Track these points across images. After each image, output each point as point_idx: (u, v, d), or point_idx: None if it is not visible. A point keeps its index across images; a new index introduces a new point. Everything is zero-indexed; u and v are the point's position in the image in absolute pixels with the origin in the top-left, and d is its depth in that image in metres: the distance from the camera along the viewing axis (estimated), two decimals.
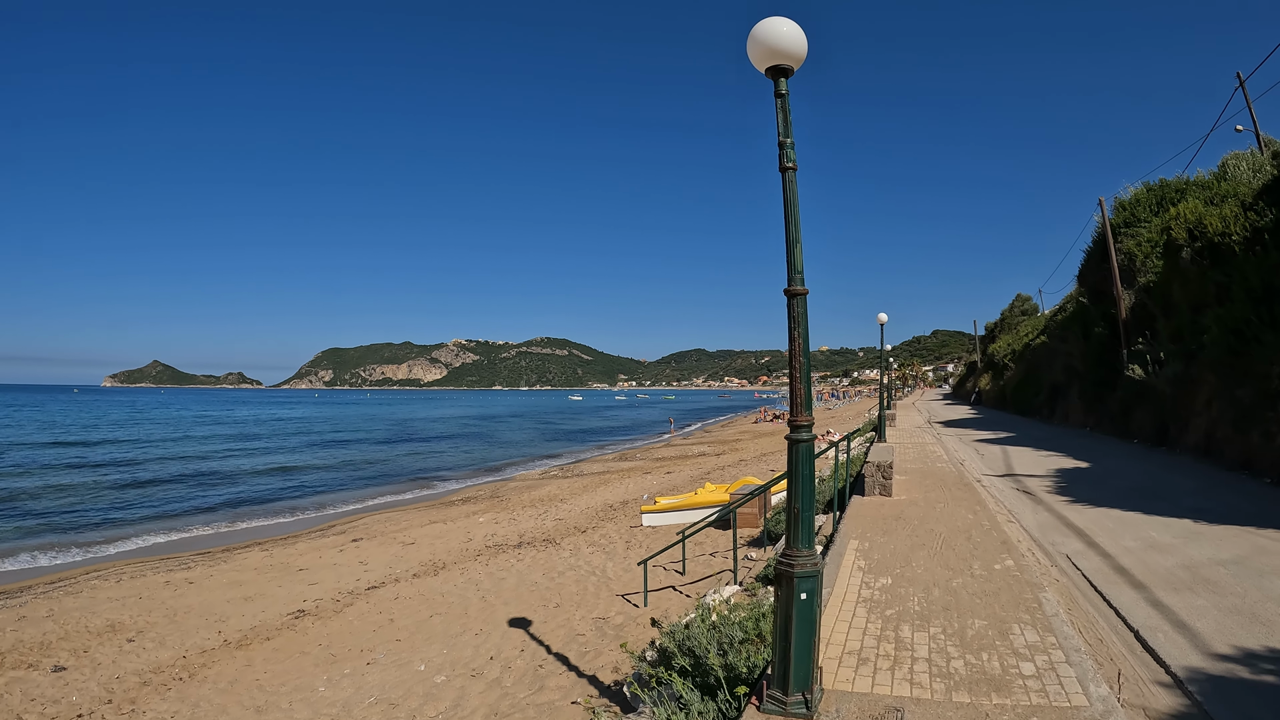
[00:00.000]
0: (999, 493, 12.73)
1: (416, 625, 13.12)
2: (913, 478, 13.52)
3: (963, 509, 10.32)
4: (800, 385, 4.18)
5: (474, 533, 22.07)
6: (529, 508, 26.33)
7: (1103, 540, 9.09)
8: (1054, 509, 11.17)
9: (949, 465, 15.53)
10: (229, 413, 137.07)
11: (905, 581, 6.86)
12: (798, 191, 4.15)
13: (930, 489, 12.12)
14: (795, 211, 4.12)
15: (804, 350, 4.14)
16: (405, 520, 25.92)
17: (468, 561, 17.97)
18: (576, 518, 22.94)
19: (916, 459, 16.94)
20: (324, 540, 23.00)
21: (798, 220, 4.12)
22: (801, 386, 4.19)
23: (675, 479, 30.69)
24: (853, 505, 10.78)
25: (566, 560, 16.88)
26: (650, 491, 26.86)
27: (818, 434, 30.80)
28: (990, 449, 20.58)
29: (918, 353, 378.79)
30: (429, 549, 20.13)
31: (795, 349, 4.14)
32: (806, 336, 4.18)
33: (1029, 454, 18.80)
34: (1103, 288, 27.45)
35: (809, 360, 4.20)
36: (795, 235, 4.11)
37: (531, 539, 20.06)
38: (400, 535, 22.72)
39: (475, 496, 31.92)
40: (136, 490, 35.09)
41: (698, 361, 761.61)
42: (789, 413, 4.28)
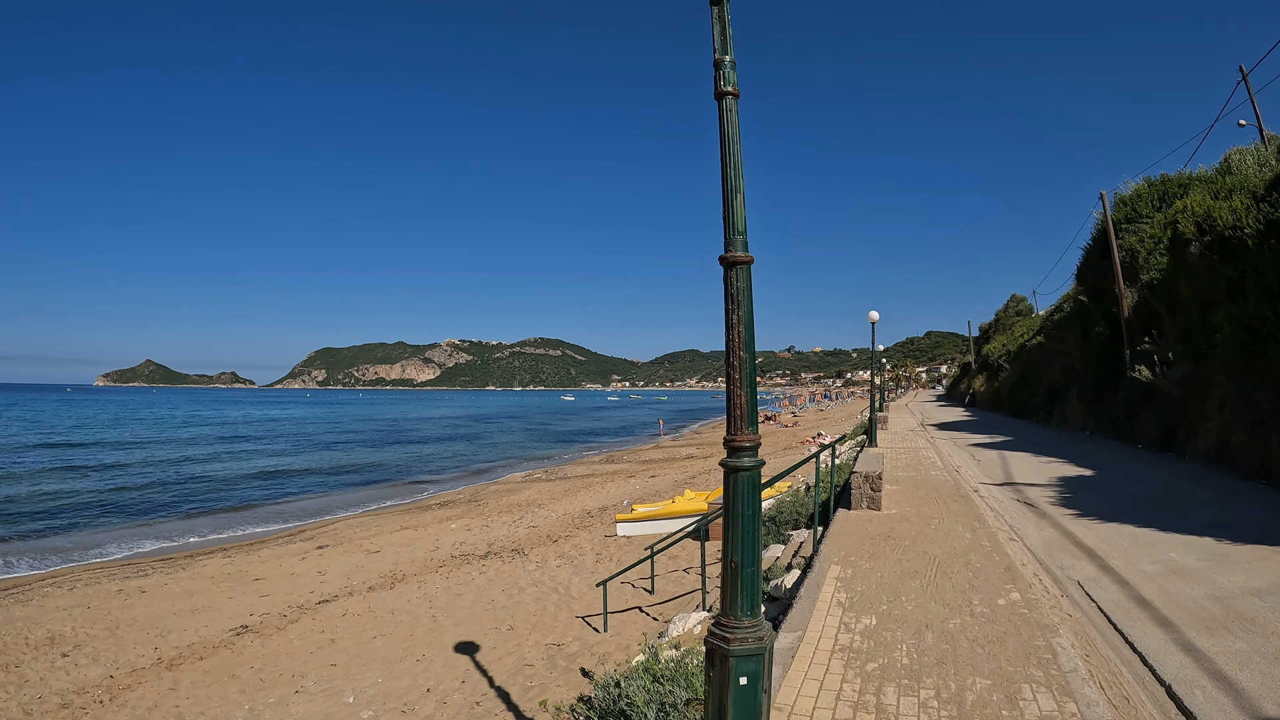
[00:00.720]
0: (999, 505, 11.65)
1: (358, 647, 12.00)
2: (905, 487, 12.42)
3: (960, 525, 9.21)
4: (741, 390, 3.06)
5: (443, 541, 20.99)
6: (504, 514, 25.25)
7: (1117, 563, 8.02)
8: (1060, 524, 10.09)
9: (943, 473, 14.43)
10: (218, 413, 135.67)
11: (892, 622, 5.73)
12: (739, 126, 3.04)
13: (924, 501, 11.02)
14: (736, 150, 3.00)
15: (746, 342, 3.02)
16: (377, 526, 24.87)
17: (429, 574, 16.89)
18: (551, 525, 21.85)
19: (909, 465, 15.85)
20: (290, 547, 22.07)
21: (739, 162, 3.00)
22: (743, 392, 3.06)
23: (659, 483, 29.59)
24: (838, 520, 9.68)
25: (531, 574, 15.79)
26: (631, 497, 25.77)
27: (808, 436, 29.48)
28: (987, 454, 19.52)
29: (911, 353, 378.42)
30: (393, 558, 19.07)
31: (735, 339, 3.02)
32: (750, 323, 3.04)
33: (1028, 460, 17.72)
34: (1103, 286, 26.43)
35: (753, 356, 3.08)
36: (736, 182, 2.99)
37: (500, 549, 18.97)
38: (367, 543, 21.68)
39: (454, 500, 30.92)
40: (112, 493, 34.25)
41: (691, 362, 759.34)
42: (728, 427, 3.17)
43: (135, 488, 36.19)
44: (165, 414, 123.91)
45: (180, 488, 36.39)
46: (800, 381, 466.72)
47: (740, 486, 3.05)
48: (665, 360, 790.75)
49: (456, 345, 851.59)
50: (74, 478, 39.28)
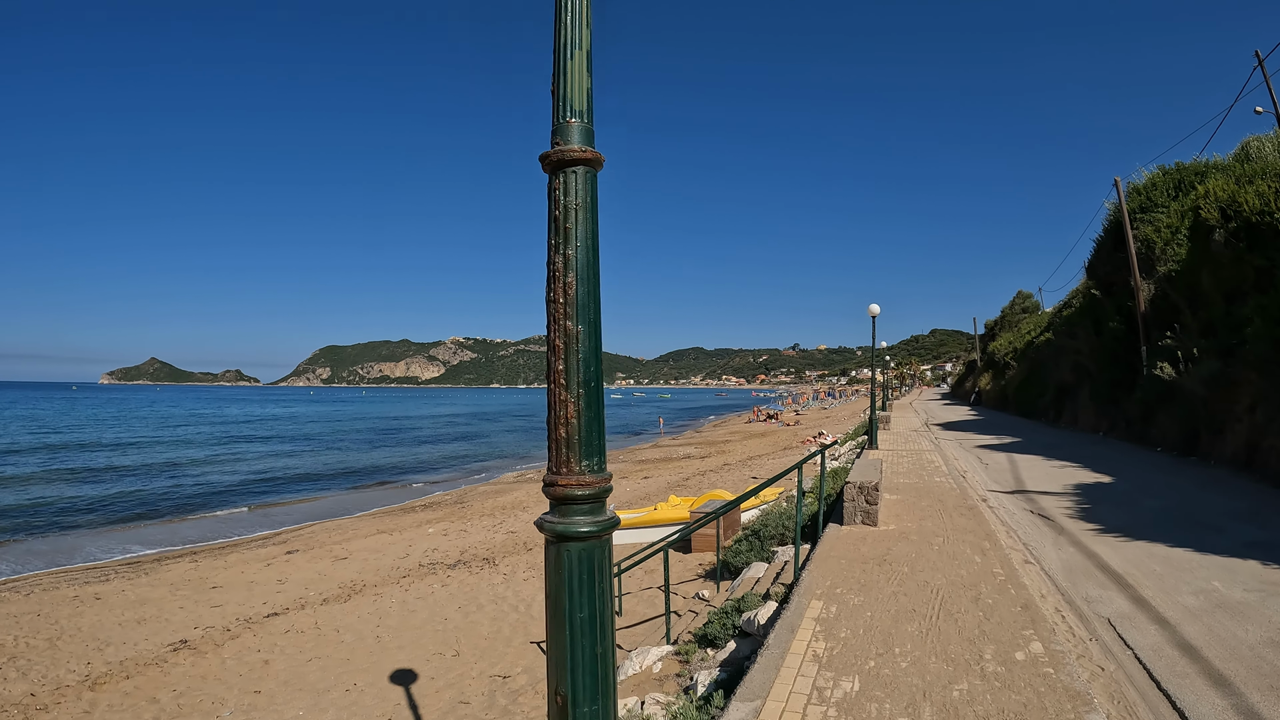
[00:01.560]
0: (1010, 518, 10.40)
1: (290, 672, 10.87)
2: (906, 497, 11.16)
3: (967, 546, 7.95)
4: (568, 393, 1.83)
5: (416, 547, 19.92)
6: (486, 517, 24.13)
7: (1152, 593, 6.79)
8: (1081, 542, 8.85)
9: (948, 480, 13.17)
10: (220, 411, 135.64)
11: (880, 687, 4.47)
12: None
13: (926, 514, 9.76)
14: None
15: (579, 304, 1.78)
16: (354, 530, 23.83)
17: (389, 585, 15.79)
18: (530, 531, 20.63)
19: (911, 470, 14.60)
20: (259, 551, 21.19)
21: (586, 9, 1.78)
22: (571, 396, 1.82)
23: (651, 485, 28.40)
24: (827, 539, 8.42)
25: (495, 588, 14.64)
26: (618, 501, 24.62)
27: (809, 436, 28.20)
28: (994, 457, 18.24)
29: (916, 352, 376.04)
30: (358, 566, 18.00)
31: (559, 299, 1.78)
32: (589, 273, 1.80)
33: (1039, 464, 16.44)
34: (1115, 279, 25.14)
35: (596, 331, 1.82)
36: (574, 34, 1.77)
37: (472, 557, 17.85)
38: (338, 548, 20.64)
39: (439, 502, 29.88)
40: (99, 494, 33.87)
41: (695, 360, 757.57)
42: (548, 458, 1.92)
43: (122, 489, 35.65)
44: (166, 412, 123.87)
45: (167, 489, 35.89)
46: (805, 379, 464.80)
47: (570, 568, 1.81)
48: (670, 358, 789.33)
49: (461, 343, 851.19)
50: (63, 478, 38.81)
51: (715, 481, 26.05)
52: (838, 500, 9.99)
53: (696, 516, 14.27)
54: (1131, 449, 19.18)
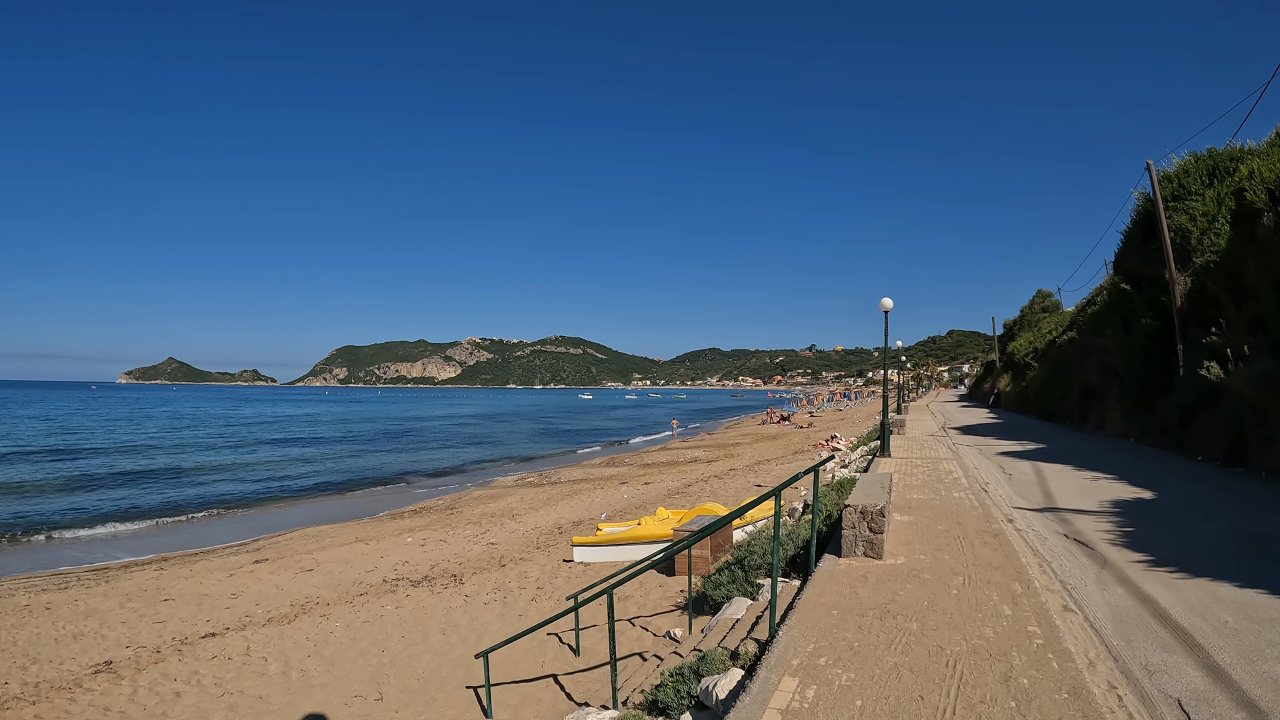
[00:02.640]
0: (1042, 544, 8.82)
1: (196, 710, 9.67)
2: (919, 518, 9.58)
3: (993, 589, 6.37)
4: None
5: (387, 559, 18.64)
6: (471, 526, 22.76)
7: (1231, 659, 5.24)
8: (1129, 579, 7.27)
9: (968, 495, 11.56)
10: (232, 410, 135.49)
11: None
12: None
13: (943, 541, 8.19)
14: None
15: None
16: (331, 538, 22.59)
17: (343, 604, 14.53)
18: (512, 543, 19.28)
19: (926, 483, 13.02)
20: (228, 560, 20.19)
21: None
22: None
23: (651, 491, 26.89)
24: (819, 577, 6.87)
25: (451, 614, 13.24)
26: (613, 508, 23.21)
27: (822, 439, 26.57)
28: (1018, 466, 16.60)
29: (933, 353, 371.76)
30: (319, 580, 16.80)
31: None
32: None
33: (1069, 475, 14.79)
34: (1145, 273, 23.46)
35: None
36: None
37: (441, 573, 16.48)
38: (308, 558, 19.48)
39: (429, 508, 28.56)
40: (89, 494, 33.67)
41: (712, 361, 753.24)
42: None
43: (114, 491, 35.03)
44: (177, 412, 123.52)
45: (159, 491, 35.21)
46: (821, 380, 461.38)
47: None
48: (686, 359, 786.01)
49: (477, 343, 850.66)
50: (58, 480, 38.24)
51: (717, 489, 24.53)
52: (837, 524, 8.45)
53: (679, 536, 12.75)
54: (1168, 458, 17.50)
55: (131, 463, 46.39)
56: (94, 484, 36.93)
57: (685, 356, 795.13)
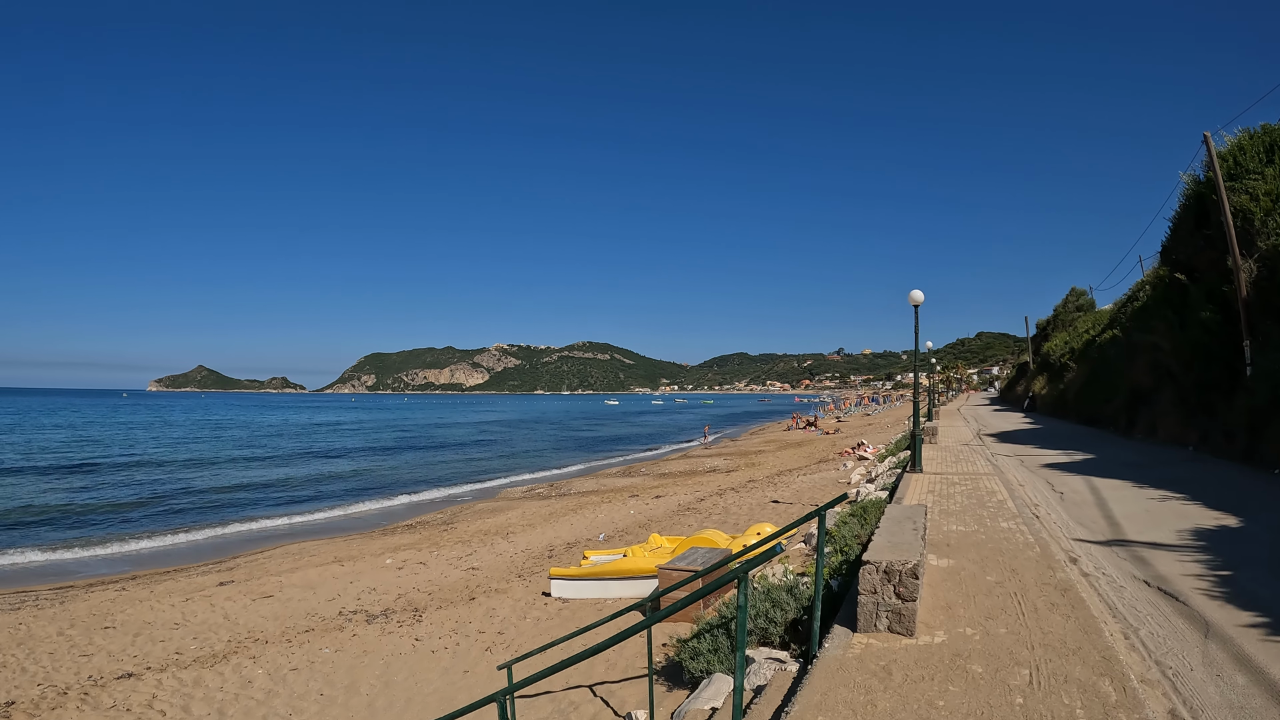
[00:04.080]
0: (1120, 599, 6.74)
1: None
2: (961, 561, 7.54)
3: (1073, 691, 4.33)
4: None
5: (355, 585, 17.02)
6: (460, 545, 21.01)
7: None
8: (1247, 655, 5.20)
9: (1018, 524, 9.48)
10: (255, 417, 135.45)
11: None
12: None
13: (994, 603, 6.14)
14: None
15: None
16: (309, 557, 21.07)
17: (280, 643, 12.96)
18: (496, 568, 17.50)
19: (965, 506, 10.99)
20: (195, 580, 18.88)
21: None
22: None
23: (660, 507, 24.93)
24: (822, 670, 4.86)
25: (393, 664, 11.48)
26: (613, 528, 21.37)
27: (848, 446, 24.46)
28: (1069, 482, 14.45)
29: (962, 355, 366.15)
30: (271, 610, 15.29)
31: None
32: None
33: (1130, 494, 12.63)
34: (1200, 262, 21.14)
35: None
36: None
37: (404, 605, 14.81)
38: (274, 581, 17.94)
39: (425, 522, 27.02)
40: (84, 505, 32.88)
41: (740, 365, 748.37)
42: None
43: (113, 501, 34.18)
44: (201, 420, 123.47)
45: (161, 501, 34.37)
46: (849, 384, 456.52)
47: None
48: (714, 364, 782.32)
49: (505, 350, 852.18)
50: (58, 489, 37.52)
51: (730, 505, 22.50)
52: (856, 569, 6.48)
53: (665, 576, 10.75)
54: (1237, 471, 15.25)
55: (140, 474, 45.30)
56: (95, 496, 35.79)
57: (713, 361, 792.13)
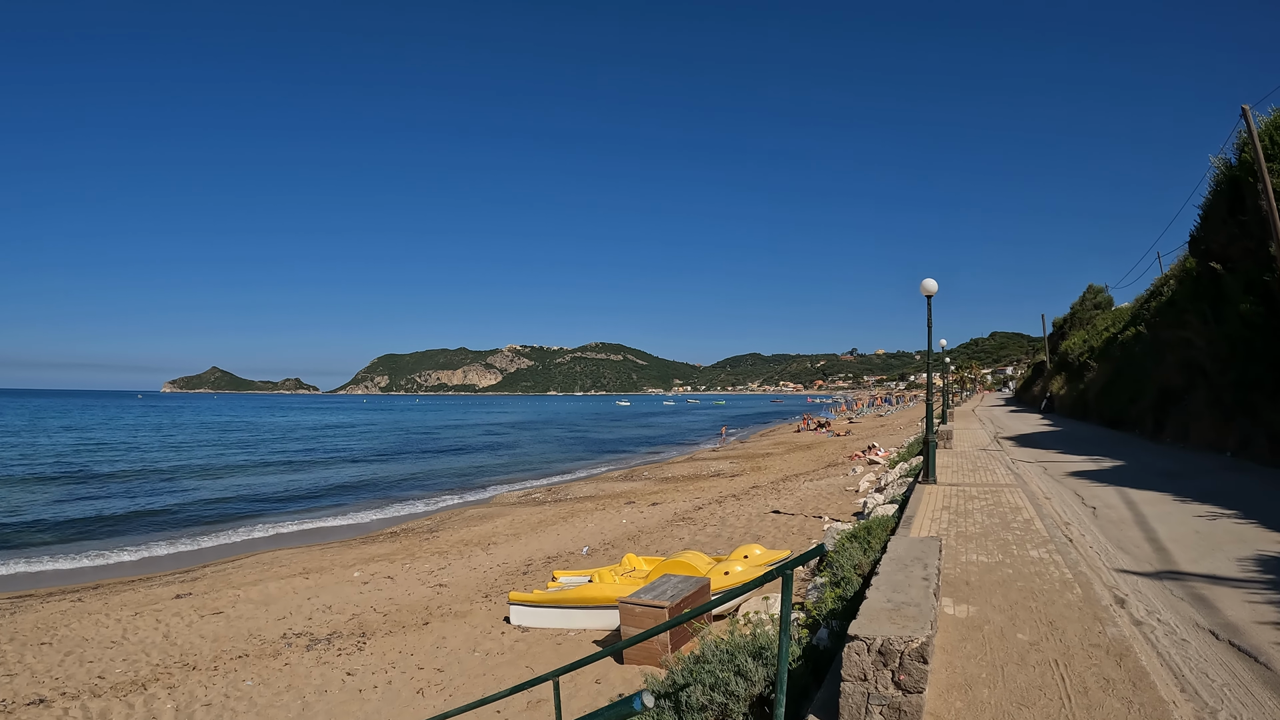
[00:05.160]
0: (1187, 662, 5.18)
1: None
2: (984, 609, 5.99)
3: None
4: None
5: (312, 601, 15.71)
6: (437, 556, 19.63)
7: None
8: None
9: (1051, 555, 7.89)
10: (264, 419, 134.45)
11: None
12: None
13: (1027, 680, 4.58)
14: None
15: None
16: (280, 567, 19.82)
17: (206, 670, 11.79)
18: (465, 585, 16.08)
19: (986, 528, 9.43)
20: (155, 591, 17.70)
21: None
22: None
23: (655, 515, 23.39)
24: None
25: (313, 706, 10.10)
26: (606, 538, 19.88)
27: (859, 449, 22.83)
28: (1101, 495, 12.84)
29: (975, 355, 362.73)
30: (214, 629, 14.08)
31: None
32: None
33: (1172, 509, 11.02)
34: (1234, 252, 19.47)
35: None
36: None
37: (354, 628, 13.45)
38: (231, 594, 16.68)
39: (411, 529, 25.63)
40: (71, 511, 31.65)
41: (753, 366, 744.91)
42: None
43: (98, 506, 32.88)
44: (210, 421, 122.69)
45: (149, 504, 33.41)
46: (863, 385, 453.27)
47: None
48: (727, 364, 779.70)
49: (518, 351, 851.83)
50: (53, 495, 36.28)
51: (728, 515, 20.92)
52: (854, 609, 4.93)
53: (625, 611, 9.19)
54: None
55: (134, 477, 44.20)
56: (85, 500, 34.71)
57: (726, 362, 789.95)
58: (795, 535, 15.69)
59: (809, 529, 16.03)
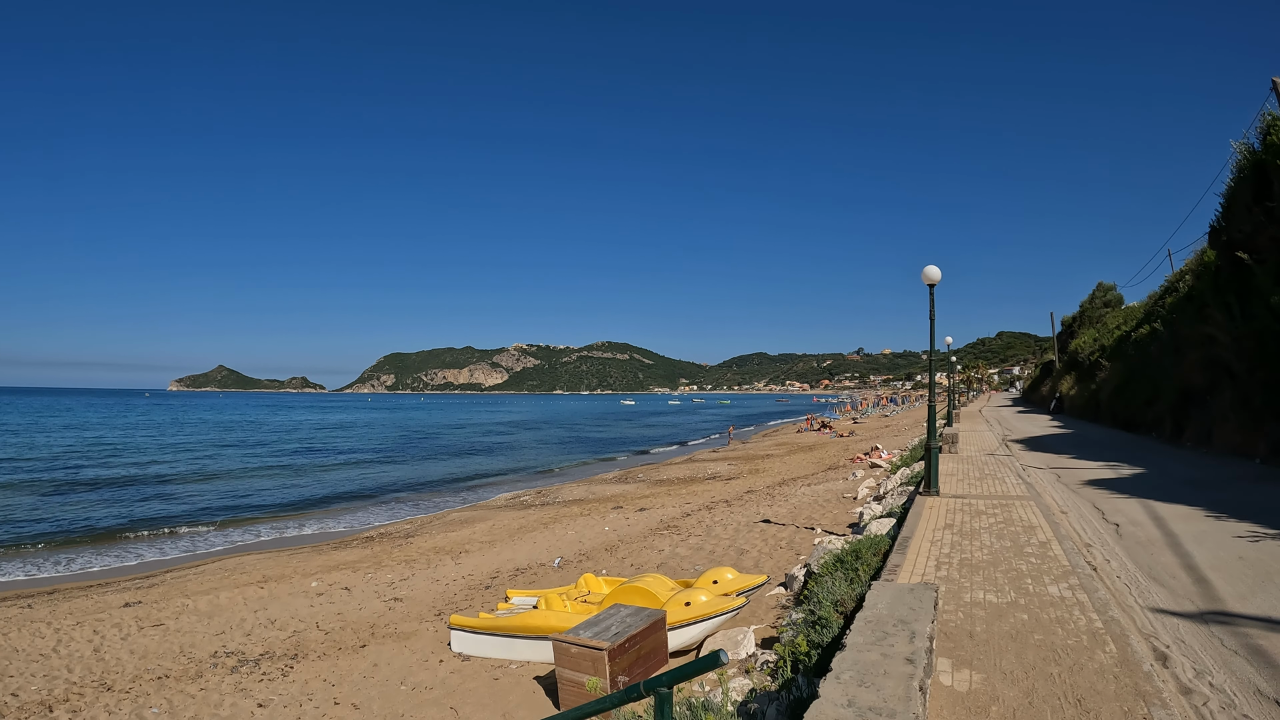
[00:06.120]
0: None
1: None
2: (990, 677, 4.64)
3: None
4: None
5: (260, 614, 14.49)
6: (402, 565, 18.37)
7: None
8: None
9: (1072, 591, 6.55)
10: (267, 418, 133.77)
11: None
12: None
13: None
14: None
15: None
16: (240, 574, 18.53)
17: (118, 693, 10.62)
18: (422, 599, 14.73)
19: (996, 554, 8.08)
20: (106, 598, 16.73)
21: None
22: None
23: (641, 521, 22.05)
24: None
25: None
26: (584, 547, 18.57)
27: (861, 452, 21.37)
28: (1123, 508, 11.47)
29: (982, 354, 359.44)
30: (147, 644, 12.90)
31: None
32: None
33: (1207, 528, 9.64)
34: (1260, 242, 18.11)
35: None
36: None
37: (288, 649, 12.13)
38: (180, 604, 15.57)
39: (389, 533, 24.52)
40: (56, 502, 32.33)
41: (759, 365, 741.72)
42: None
43: (85, 504, 32.42)
44: (211, 420, 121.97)
45: (128, 506, 32.22)
46: (869, 384, 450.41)
47: None
48: (733, 364, 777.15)
49: (524, 350, 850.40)
50: (36, 493, 35.37)
51: (715, 523, 19.53)
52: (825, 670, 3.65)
53: (560, 650, 7.77)
54: None
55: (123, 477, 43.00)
56: (67, 500, 33.74)
57: (732, 361, 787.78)
58: (783, 550, 14.30)
59: (798, 542, 14.65)
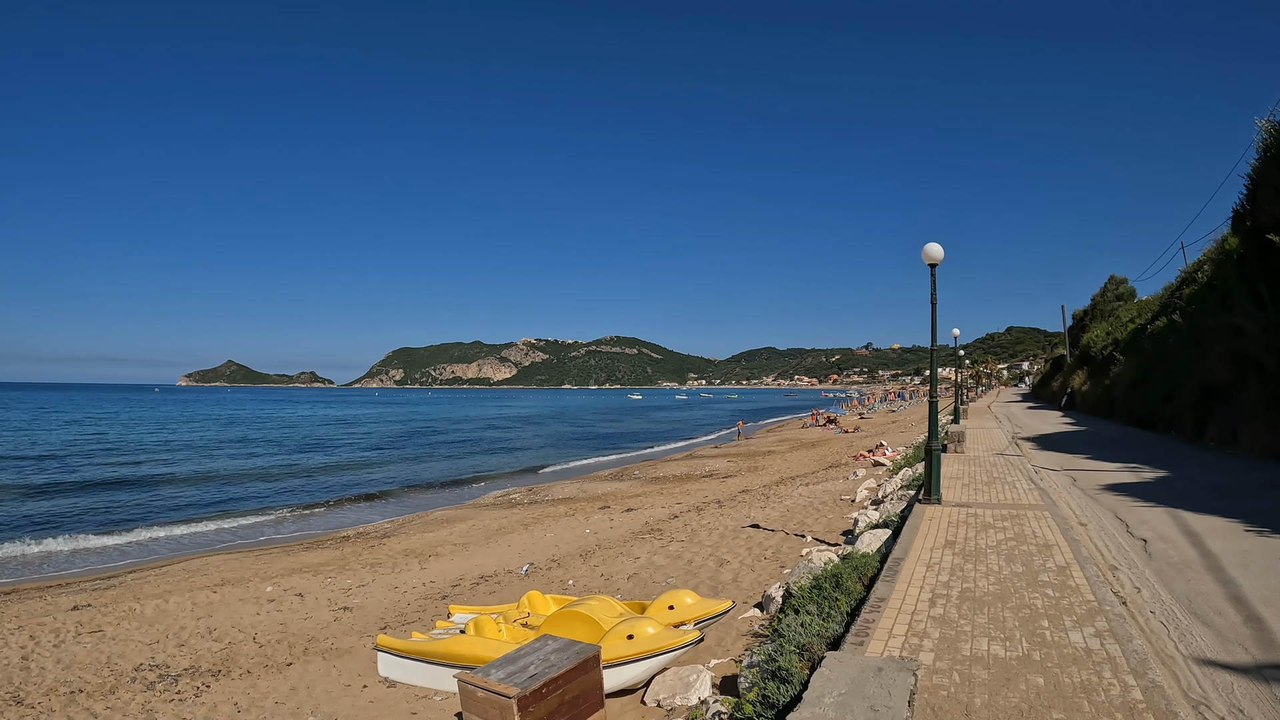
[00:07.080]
0: None
1: None
2: None
3: None
4: None
5: (202, 621, 13.53)
6: (365, 570, 17.28)
7: None
8: None
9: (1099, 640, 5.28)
10: (273, 413, 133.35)
11: None
12: None
13: None
14: None
15: None
16: (200, 577, 17.48)
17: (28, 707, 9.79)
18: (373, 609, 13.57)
19: (1003, 584, 6.80)
20: (58, 599, 15.95)
21: None
22: None
23: (627, 523, 20.81)
24: None
25: None
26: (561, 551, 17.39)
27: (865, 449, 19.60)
28: (1149, 520, 10.15)
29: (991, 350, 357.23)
30: (79, 653, 12.00)
31: None
32: None
33: (1250, 545, 8.32)
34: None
35: None
36: None
37: (216, 662, 11.13)
38: (132, 606, 14.78)
39: (365, 534, 23.47)
40: (37, 496, 31.91)
41: (768, 360, 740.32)
42: None
43: (66, 499, 31.82)
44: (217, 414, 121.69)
45: (115, 498, 32.26)
46: (877, 379, 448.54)
47: None
48: (742, 358, 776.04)
49: (532, 344, 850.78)
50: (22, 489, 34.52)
51: (704, 524, 18.28)
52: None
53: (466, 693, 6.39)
54: None
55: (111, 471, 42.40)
56: (49, 494, 33.16)
57: (741, 356, 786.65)
58: (766, 561, 13.01)
59: (785, 552, 13.36)
